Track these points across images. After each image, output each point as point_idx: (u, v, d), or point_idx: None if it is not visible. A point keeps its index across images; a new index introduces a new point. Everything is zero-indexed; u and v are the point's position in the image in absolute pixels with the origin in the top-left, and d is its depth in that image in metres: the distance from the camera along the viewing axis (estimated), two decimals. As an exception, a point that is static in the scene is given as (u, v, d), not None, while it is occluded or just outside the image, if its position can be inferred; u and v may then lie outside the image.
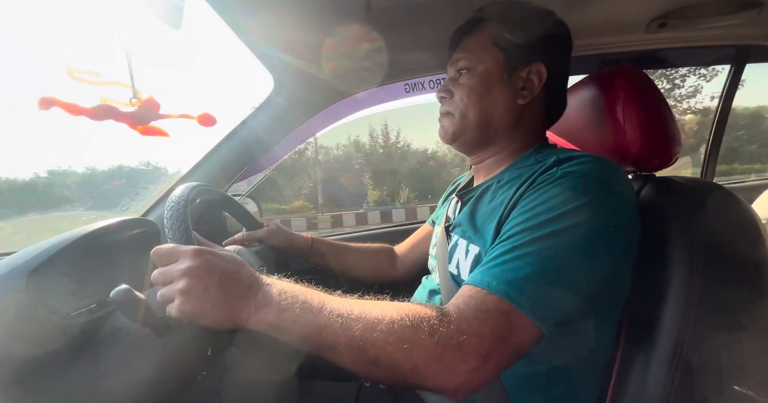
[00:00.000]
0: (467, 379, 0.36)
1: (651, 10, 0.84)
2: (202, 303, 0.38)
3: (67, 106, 0.37)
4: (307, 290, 0.41)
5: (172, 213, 0.49)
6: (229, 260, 0.41)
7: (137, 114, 0.40)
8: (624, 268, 0.47)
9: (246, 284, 0.40)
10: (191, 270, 0.38)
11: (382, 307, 0.39)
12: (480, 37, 0.57)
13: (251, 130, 0.96)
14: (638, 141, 0.56)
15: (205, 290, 0.38)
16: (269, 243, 0.78)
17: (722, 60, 1.18)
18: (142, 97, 0.40)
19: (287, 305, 0.38)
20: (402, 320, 0.37)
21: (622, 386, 0.49)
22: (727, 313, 0.47)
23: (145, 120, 0.41)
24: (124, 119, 0.40)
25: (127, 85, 0.40)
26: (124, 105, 0.40)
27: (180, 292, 0.38)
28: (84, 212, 3.59)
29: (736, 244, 0.48)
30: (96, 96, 0.39)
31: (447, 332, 0.36)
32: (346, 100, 1.03)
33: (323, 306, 0.38)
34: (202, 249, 0.41)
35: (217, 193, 0.70)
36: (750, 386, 0.45)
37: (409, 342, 0.36)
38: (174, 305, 0.38)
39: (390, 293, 0.49)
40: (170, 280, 0.39)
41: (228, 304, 0.38)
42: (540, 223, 0.42)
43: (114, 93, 0.40)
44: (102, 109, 0.39)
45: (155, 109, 0.41)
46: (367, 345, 0.36)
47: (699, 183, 0.52)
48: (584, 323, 0.46)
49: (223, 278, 0.39)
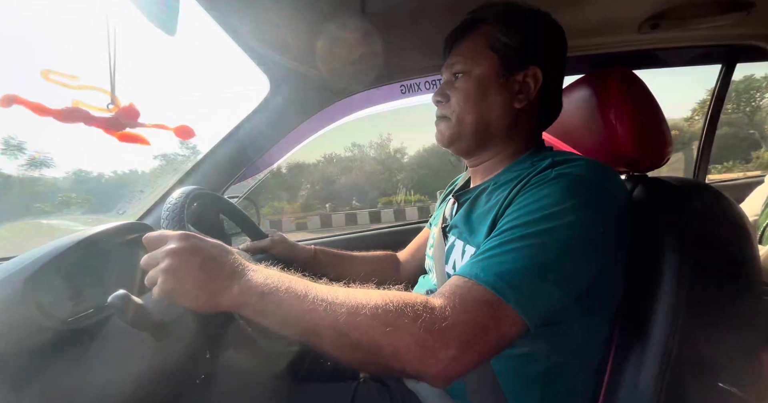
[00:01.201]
0: (448, 365, 0.36)
1: (643, 11, 0.85)
2: (182, 282, 0.38)
3: (31, 106, 0.36)
4: (293, 276, 0.41)
5: (169, 212, 0.50)
6: (214, 245, 0.42)
7: (112, 120, 0.40)
8: (616, 268, 0.48)
9: (230, 268, 0.40)
10: (175, 251, 0.39)
11: (367, 293, 0.39)
12: (475, 41, 0.57)
13: (248, 133, 0.96)
14: (630, 142, 0.56)
15: (187, 270, 0.38)
16: (272, 253, 0.78)
17: (713, 60, 1.20)
18: (120, 104, 0.40)
19: (271, 289, 0.38)
20: (386, 305, 0.37)
21: (615, 383, 0.50)
22: (716, 310, 0.47)
23: (119, 127, 0.41)
24: (96, 124, 0.40)
25: (106, 91, 0.40)
26: (98, 110, 0.40)
27: (163, 271, 0.38)
28: (81, 215, 3.55)
29: (724, 243, 0.49)
30: (70, 99, 0.39)
31: (430, 318, 0.37)
32: (342, 101, 1.03)
33: (308, 291, 0.39)
34: (189, 233, 0.41)
35: (216, 198, 0.70)
36: (736, 382, 0.46)
37: (391, 326, 0.36)
38: (156, 285, 0.39)
39: (377, 281, 0.48)
40: (156, 262, 0.40)
41: (209, 285, 0.38)
42: (532, 220, 0.43)
43: (91, 98, 0.40)
44: (71, 112, 0.38)
45: (134, 117, 0.41)
46: (350, 329, 0.36)
47: (689, 183, 0.53)
48: (579, 323, 0.47)
49: (207, 259, 0.39)
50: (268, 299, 0.38)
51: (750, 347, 0.47)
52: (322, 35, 0.80)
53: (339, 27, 0.78)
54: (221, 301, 0.39)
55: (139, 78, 20.29)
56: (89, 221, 0.63)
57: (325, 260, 0.82)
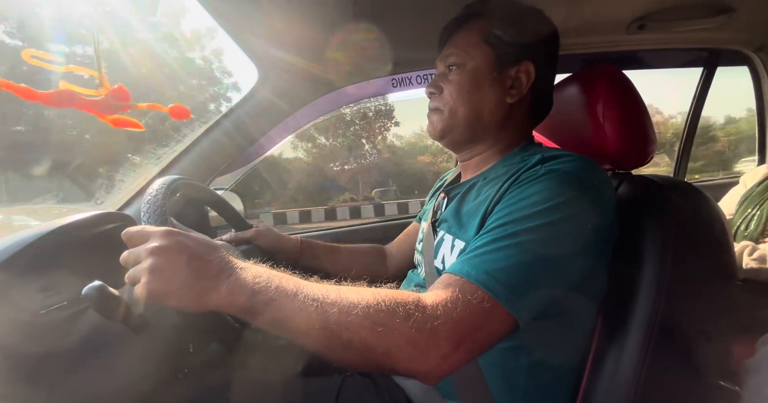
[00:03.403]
0: (439, 363, 0.37)
1: (631, 12, 0.87)
2: (168, 282, 0.36)
3: (19, 90, 0.34)
4: (283, 274, 0.40)
5: (149, 202, 0.48)
6: (200, 242, 0.40)
7: (103, 103, 0.38)
8: (602, 263, 0.49)
9: (217, 266, 0.39)
10: (159, 249, 0.37)
11: (358, 292, 0.39)
12: (470, 34, 0.57)
13: (234, 123, 0.93)
14: (617, 140, 0.57)
15: (173, 269, 0.37)
16: (257, 244, 0.77)
17: (696, 63, 1.24)
18: (109, 86, 0.38)
19: (260, 289, 0.37)
20: (378, 305, 0.37)
21: (597, 374, 0.51)
22: (694, 302, 0.49)
23: (112, 110, 0.38)
24: (88, 108, 0.37)
25: (93, 72, 0.37)
26: (88, 92, 0.37)
27: (146, 271, 0.37)
28: (55, 204, 3.39)
29: (703, 239, 0.51)
30: (55, 81, 0.36)
31: (422, 317, 0.37)
32: (333, 93, 1.02)
33: (298, 290, 0.38)
34: (173, 229, 0.40)
35: (200, 188, 0.68)
36: (714, 372, 0.48)
37: (383, 326, 0.36)
38: (140, 284, 0.37)
39: (369, 279, 0.48)
40: (138, 260, 0.38)
41: (196, 284, 0.37)
42: (522, 217, 0.43)
43: (76, 79, 0.37)
44: (61, 95, 0.36)
45: (124, 99, 0.39)
46: (341, 329, 0.36)
47: (671, 182, 0.54)
48: (564, 317, 0.48)
49: (193, 258, 0.38)
50: (257, 298, 0.37)
51: (726, 338, 0.50)
52: (313, 26, 0.78)
53: (330, 18, 0.76)
54: (208, 301, 0.37)
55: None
56: (65, 211, 0.60)
57: (311, 252, 0.81)
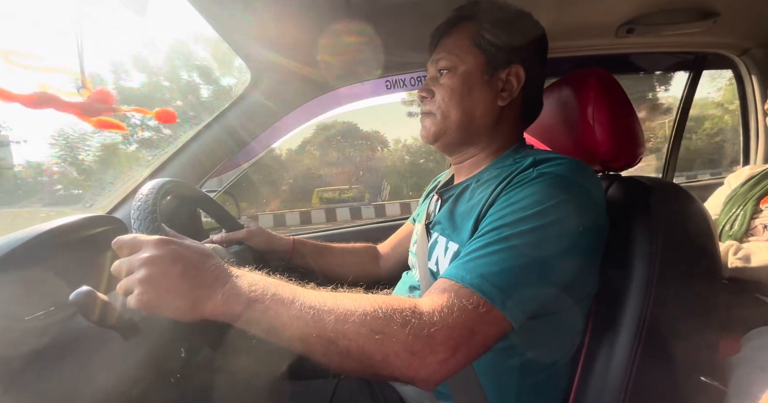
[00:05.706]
0: (436, 369, 0.37)
1: (620, 16, 0.88)
2: (163, 293, 0.36)
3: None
4: (279, 282, 0.40)
5: (140, 208, 0.47)
6: (195, 250, 0.39)
7: (86, 105, 0.37)
8: (593, 263, 0.50)
9: (212, 275, 0.38)
10: (153, 259, 0.37)
11: (355, 299, 0.39)
12: (460, 37, 0.58)
13: (226, 125, 0.93)
14: (606, 142, 0.58)
15: (167, 280, 0.36)
16: (249, 245, 0.76)
17: (683, 67, 1.27)
18: (91, 88, 0.37)
19: (257, 297, 0.37)
20: (375, 312, 0.37)
21: (588, 373, 0.52)
22: (681, 301, 0.50)
23: (94, 112, 0.38)
24: (69, 110, 0.37)
25: (75, 73, 0.37)
26: (70, 94, 0.37)
27: (140, 281, 0.36)
28: (42, 208, 3.31)
29: (690, 239, 0.52)
30: (35, 83, 0.35)
31: (419, 324, 0.37)
32: (326, 95, 1.01)
33: (295, 298, 0.38)
34: (166, 238, 0.39)
35: (192, 190, 0.68)
36: (700, 369, 0.49)
37: (380, 333, 0.36)
38: (133, 296, 0.36)
39: (365, 285, 0.48)
40: (131, 270, 0.37)
41: (191, 294, 0.36)
42: (515, 220, 0.43)
43: (57, 81, 0.37)
44: (41, 97, 0.35)
45: (108, 102, 0.38)
46: (338, 337, 0.36)
47: (659, 183, 0.55)
48: (556, 317, 0.49)
49: (188, 267, 0.37)
50: (254, 306, 0.37)
51: (712, 334, 0.51)
52: (306, 28, 0.78)
53: (323, 20, 0.76)
54: (204, 310, 0.37)
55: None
56: (52, 214, 0.59)
57: (304, 252, 0.80)
